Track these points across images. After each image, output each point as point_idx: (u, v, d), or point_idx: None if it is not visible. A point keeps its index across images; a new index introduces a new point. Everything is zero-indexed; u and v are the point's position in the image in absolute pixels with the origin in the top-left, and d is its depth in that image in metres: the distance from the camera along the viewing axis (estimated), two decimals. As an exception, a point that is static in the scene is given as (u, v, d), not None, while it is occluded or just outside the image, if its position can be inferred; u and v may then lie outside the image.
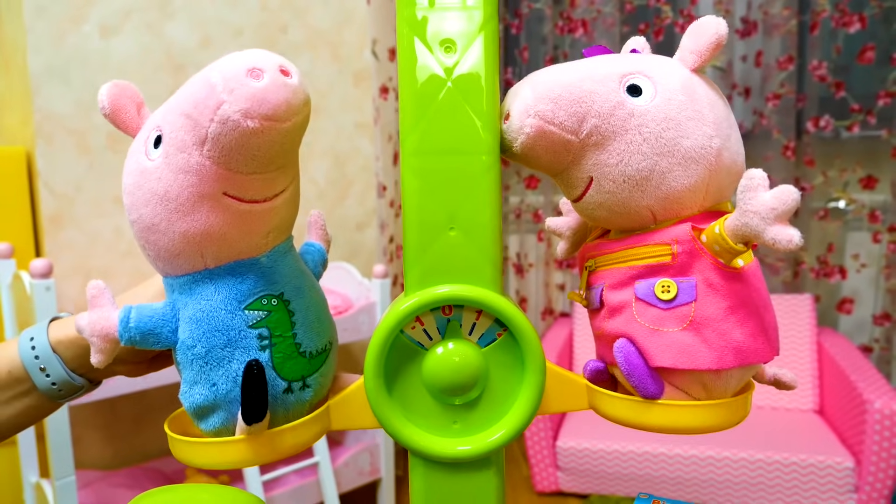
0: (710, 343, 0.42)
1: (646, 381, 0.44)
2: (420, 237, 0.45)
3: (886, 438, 1.61)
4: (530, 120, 0.42)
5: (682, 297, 0.43)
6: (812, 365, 2.01)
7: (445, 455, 0.46)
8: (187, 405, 0.45)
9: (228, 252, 0.43)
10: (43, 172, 1.56)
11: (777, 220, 0.37)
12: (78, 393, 0.52)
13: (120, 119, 0.45)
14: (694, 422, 0.44)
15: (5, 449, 1.54)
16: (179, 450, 0.46)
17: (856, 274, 2.21)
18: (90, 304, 0.43)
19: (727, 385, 0.44)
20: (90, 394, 1.24)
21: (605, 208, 0.45)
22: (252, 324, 0.43)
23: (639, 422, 0.45)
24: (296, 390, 0.45)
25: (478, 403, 0.47)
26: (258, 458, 0.44)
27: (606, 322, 0.47)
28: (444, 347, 0.46)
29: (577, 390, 0.49)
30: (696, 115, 0.42)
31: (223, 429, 0.44)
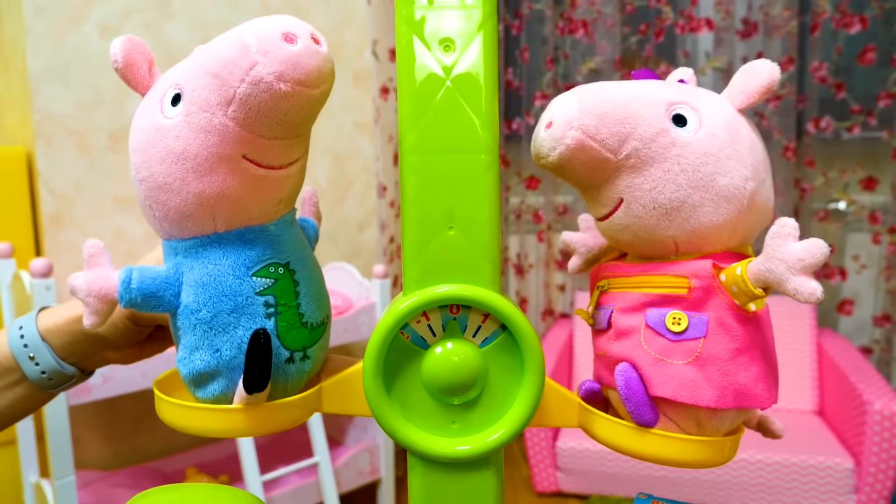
0: (713, 381, 0.42)
1: (643, 408, 0.44)
2: (419, 236, 0.45)
3: (886, 440, 1.61)
4: (572, 132, 0.42)
5: (692, 331, 0.43)
6: (812, 366, 2.01)
7: (444, 455, 0.46)
8: (186, 371, 0.44)
9: (240, 217, 0.42)
10: (43, 172, 1.56)
11: (802, 272, 0.36)
12: (69, 383, 0.52)
13: (132, 74, 0.44)
14: (683, 455, 0.44)
15: (5, 449, 1.54)
16: (169, 413, 0.45)
17: (856, 275, 2.21)
18: (88, 262, 0.42)
19: (721, 424, 0.44)
20: (89, 393, 1.24)
21: (630, 232, 0.45)
22: (259, 291, 0.43)
23: (628, 448, 0.45)
24: (297, 360, 0.45)
25: (477, 403, 0.46)
26: (251, 429, 0.44)
27: (611, 344, 0.46)
28: (443, 347, 0.46)
29: (570, 406, 0.49)
30: (736, 155, 0.42)
31: (221, 397, 0.44)
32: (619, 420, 0.46)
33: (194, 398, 0.46)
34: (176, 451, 1.82)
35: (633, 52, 2.31)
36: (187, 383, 0.45)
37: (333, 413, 0.48)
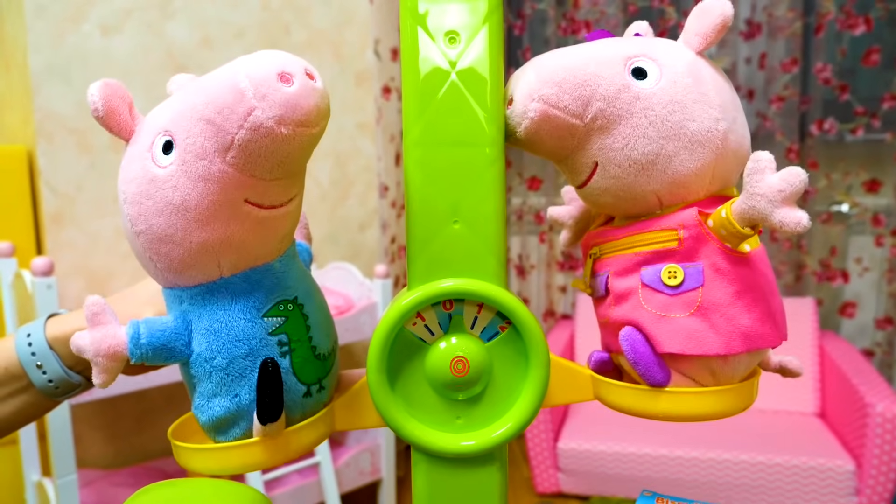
0: (718, 328, 0.42)
1: (652, 368, 0.43)
2: (423, 230, 0.44)
3: (888, 442, 1.60)
4: (534, 104, 0.42)
5: (689, 282, 0.42)
6: (814, 368, 2.00)
7: (449, 450, 0.46)
8: (206, 419, 0.43)
9: (245, 259, 0.42)
10: (44, 171, 1.55)
11: (784, 203, 0.36)
12: (75, 391, 0.51)
13: (114, 122, 0.41)
14: (702, 408, 0.44)
15: (7, 448, 1.54)
16: (189, 458, 0.45)
17: (858, 278, 2.20)
18: (91, 321, 0.40)
19: (735, 371, 0.44)
20: (91, 393, 1.24)
21: (611, 194, 0.44)
22: (272, 331, 0.42)
23: (646, 410, 0.45)
24: (314, 393, 0.45)
25: (481, 398, 0.46)
26: (272, 460, 0.44)
27: (612, 309, 0.46)
28: (447, 342, 0.45)
29: (582, 381, 0.48)
30: (702, 98, 0.42)
31: (241, 438, 0.44)
32: (631, 385, 0.45)
33: (213, 442, 0.45)
34: (176, 451, 1.82)
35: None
36: (207, 429, 0.45)
37: (347, 429, 0.48)
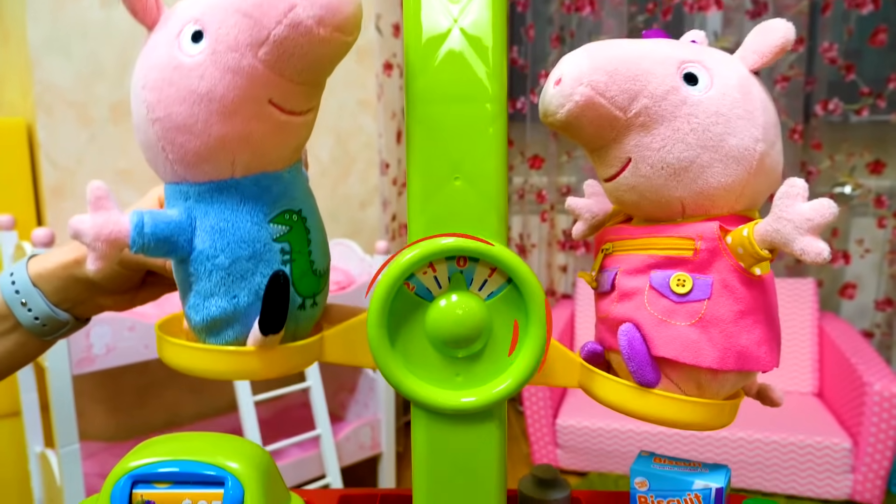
0: (715, 343, 0.42)
1: (645, 367, 0.44)
2: (425, 186, 0.44)
3: (885, 420, 1.61)
4: (582, 88, 0.41)
5: (697, 293, 0.42)
6: (812, 349, 2.01)
7: (448, 406, 0.46)
8: (200, 318, 0.43)
9: (258, 162, 0.42)
10: (44, 144, 1.55)
11: (810, 232, 0.36)
12: (64, 329, 0.51)
13: (140, 5, 0.41)
14: (682, 416, 0.44)
15: (10, 420, 1.55)
16: (177, 356, 0.45)
17: (859, 259, 2.20)
18: (94, 205, 0.40)
19: (721, 387, 0.44)
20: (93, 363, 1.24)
21: (637, 192, 0.44)
22: (276, 237, 0.43)
23: (629, 408, 0.45)
24: (308, 307, 0.45)
25: (481, 356, 0.46)
26: (261, 371, 0.44)
27: (615, 306, 0.46)
28: (448, 300, 0.45)
29: (571, 367, 0.49)
30: (747, 116, 0.42)
31: (234, 343, 0.44)
32: (620, 380, 0.46)
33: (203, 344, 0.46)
34: (178, 424, 1.83)
35: (640, 30, 2.29)
36: (198, 330, 0.45)
37: (336, 362, 0.48)
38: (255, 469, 0.43)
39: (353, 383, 1.87)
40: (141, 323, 1.30)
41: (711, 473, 0.48)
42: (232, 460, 0.43)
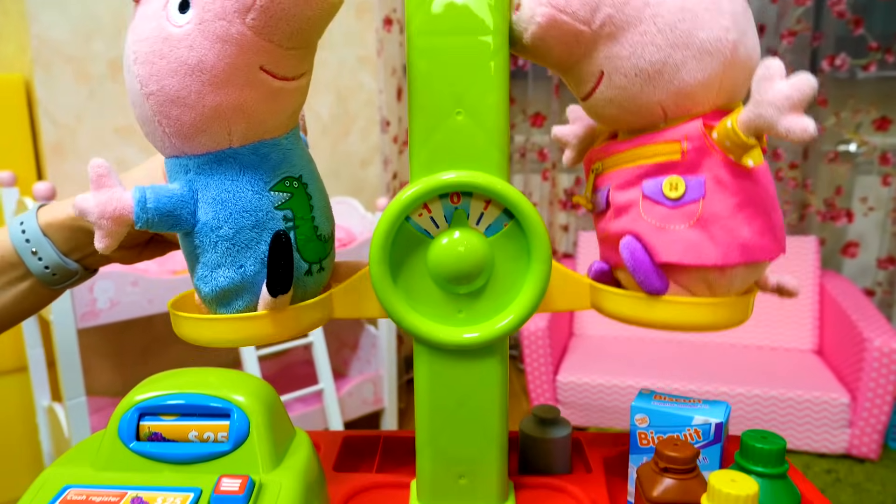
0: (717, 240, 0.42)
1: (651, 276, 0.44)
2: (426, 121, 0.44)
3: (883, 375, 1.63)
4: (542, 9, 0.41)
5: (691, 194, 0.42)
6: (813, 307, 2.02)
7: (451, 342, 0.46)
8: (209, 289, 0.44)
9: (256, 130, 0.41)
10: (43, 100, 1.54)
11: (792, 110, 0.36)
12: (73, 279, 0.52)
13: None
14: (696, 319, 0.44)
15: (17, 375, 1.57)
16: (191, 329, 0.46)
17: (863, 217, 2.19)
18: (96, 183, 0.41)
19: (731, 284, 0.44)
20: (97, 317, 1.25)
21: (616, 105, 0.44)
22: (278, 205, 0.43)
23: (642, 318, 0.46)
24: (314, 273, 0.45)
25: (483, 293, 0.47)
26: (274, 335, 0.44)
27: (612, 223, 0.46)
28: (450, 237, 0.45)
29: (581, 289, 0.49)
30: (714, 6, 0.40)
31: (244, 311, 0.44)
32: (630, 292, 0.46)
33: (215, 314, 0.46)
34: (183, 381, 1.85)
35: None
36: (209, 301, 0.45)
37: (346, 317, 0.49)
38: (260, 402, 0.44)
39: (354, 340, 1.89)
40: (144, 278, 1.30)
41: (712, 409, 0.49)
42: (237, 393, 0.44)
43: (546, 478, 0.56)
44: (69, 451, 0.47)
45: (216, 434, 0.43)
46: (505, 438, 0.49)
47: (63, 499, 0.41)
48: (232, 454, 0.43)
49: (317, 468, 0.46)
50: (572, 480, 0.55)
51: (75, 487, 0.42)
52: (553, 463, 0.57)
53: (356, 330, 1.87)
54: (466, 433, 0.48)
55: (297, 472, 0.43)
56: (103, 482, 0.42)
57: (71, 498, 0.41)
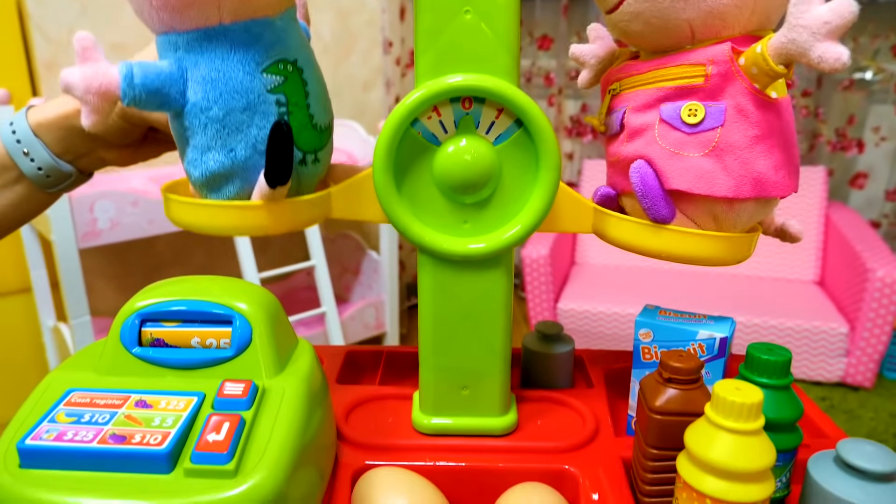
0: (731, 171, 0.41)
1: (658, 202, 0.43)
2: (433, 19, 0.42)
3: (884, 305, 1.64)
4: None
5: (709, 121, 0.41)
6: (818, 238, 2.01)
7: (457, 253, 0.45)
8: (198, 173, 0.43)
9: (247, 6, 0.40)
10: (34, 16, 1.48)
11: (828, 36, 0.34)
12: (68, 181, 0.51)
13: None
14: (699, 251, 0.44)
15: (22, 296, 1.58)
16: (185, 214, 0.45)
17: (874, 148, 2.15)
18: (81, 56, 0.38)
19: (738, 218, 0.43)
20: (98, 237, 1.24)
21: (642, 20, 0.41)
22: (270, 88, 0.41)
23: (645, 246, 0.45)
24: (309, 163, 0.44)
25: (489, 203, 0.45)
26: (269, 226, 0.44)
27: (624, 146, 0.45)
28: (456, 144, 0.44)
29: (584, 212, 0.48)
30: None
31: (236, 198, 0.44)
32: (635, 219, 0.45)
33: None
34: (187, 304, 1.87)
35: None
36: (199, 186, 0.44)
37: (343, 217, 0.48)
38: (262, 310, 0.44)
39: (356, 265, 1.89)
40: (144, 199, 1.29)
41: (716, 324, 0.48)
42: (239, 300, 0.43)
43: (548, 391, 0.56)
44: (71, 357, 0.47)
45: (219, 340, 0.43)
46: (508, 350, 0.49)
47: (67, 401, 0.41)
48: (235, 360, 0.43)
49: (320, 376, 0.46)
50: (573, 394, 0.55)
51: (79, 391, 0.42)
52: (555, 378, 0.58)
53: (358, 255, 1.88)
54: (470, 344, 0.48)
55: (300, 378, 0.43)
56: (107, 386, 0.42)
57: (75, 400, 0.41)
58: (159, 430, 0.38)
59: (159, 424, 0.38)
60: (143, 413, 0.40)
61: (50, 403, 0.41)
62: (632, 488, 0.45)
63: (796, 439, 0.42)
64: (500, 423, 0.50)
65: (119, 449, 0.37)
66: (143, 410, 0.40)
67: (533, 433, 0.50)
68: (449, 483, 0.46)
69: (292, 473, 0.38)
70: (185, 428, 0.38)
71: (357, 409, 0.54)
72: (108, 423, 0.39)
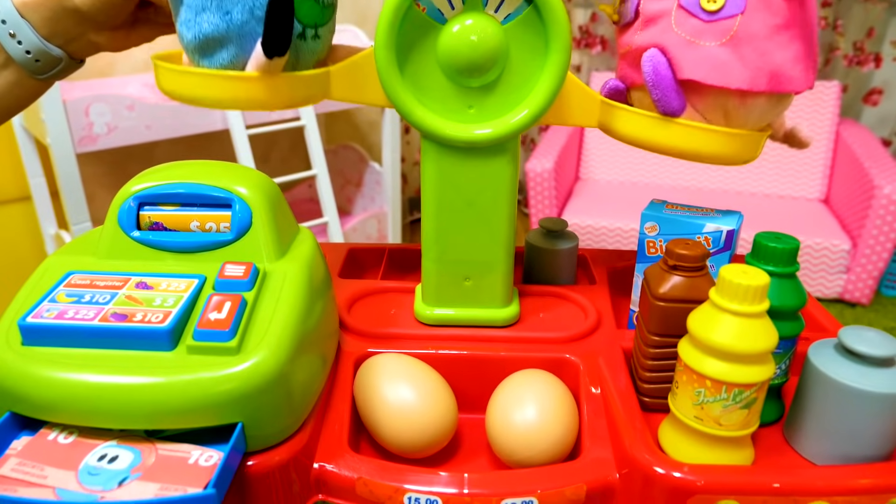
0: (747, 61, 0.39)
1: (670, 94, 0.41)
2: None
3: (888, 223, 1.63)
4: None
5: (729, 8, 0.39)
6: (826, 155, 1.98)
7: (461, 139, 0.44)
8: (192, 35, 0.41)
9: None
10: None
11: None
12: (59, 67, 0.49)
13: None
14: (707, 147, 0.42)
15: (22, 204, 1.57)
16: (175, 83, 0.43)
17: (891, 62, 2.08)
18: None
19: (749, 115, 0.42)
20: (96, 142, 1.22)
21: None
22: None
23: (653, 140, 0.43)
24: (308, 38, 0.43)
25: (495, 86, 0.44)
26: (264, 100, 0.43)
27: (638, 34, 0.43)
28: (462, 23, 0.42)
29: (591, 104, 0.46)
30: None
31: (229, 66, 0.42)
32: (643, 111, 0.43)
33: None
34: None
35: None
36: (191, 50, 0.42)
37: (342, 100, 0.46)
38: (262, 194, 0.43)
39: (359, 178, 1.87)
40: (140, 102, 1.26)
41: (724, 217, 0.47)
42: (239, 184, 0.42)
43: (550, 287, 0.56)
44: (68, 243, 0.46)
45: (218, 224, 0.43)
46: (512, 241, 0.49)
47: (67, 282, 0.41)
48: (235, 244, 0.42)
49: (322, 264, 0.45)
50: (576, 290, 0.55)
51: (79, 273, 0.41)
52: (558, 274, 0.57)
53: (360, 167, 1.85)
54: (473, 235, 0.48)
55: (301, 263, 0.42)
56: (107, 269, 0.42)
57: (75, 282, 0.41)
58: (160, 309, 0.38)
59: (161, 304, 0.38)
60: (143, 294, 0.39)
61: (49, 285, 0.41)
62: (632, 376, 0.45)
63: (798, 327, 0.42)
64: (503, 314, 0.50)
65: (121, 326, 0.37)
66: (143, 291, 0.40)
67: (534, 325, 0.51)
68: (450, 371, 0.47)
69: (295, 354, 0.38)
70: (186, 307, 0.38)
71: (359, 302, 0.54)
72: (109, 302, 0.39)
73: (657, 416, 0.43)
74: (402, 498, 0.39)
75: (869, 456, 0.38)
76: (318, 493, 0.40)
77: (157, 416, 0.35)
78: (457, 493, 0.38)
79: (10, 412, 0.37)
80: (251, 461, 0.37)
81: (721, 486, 0.36)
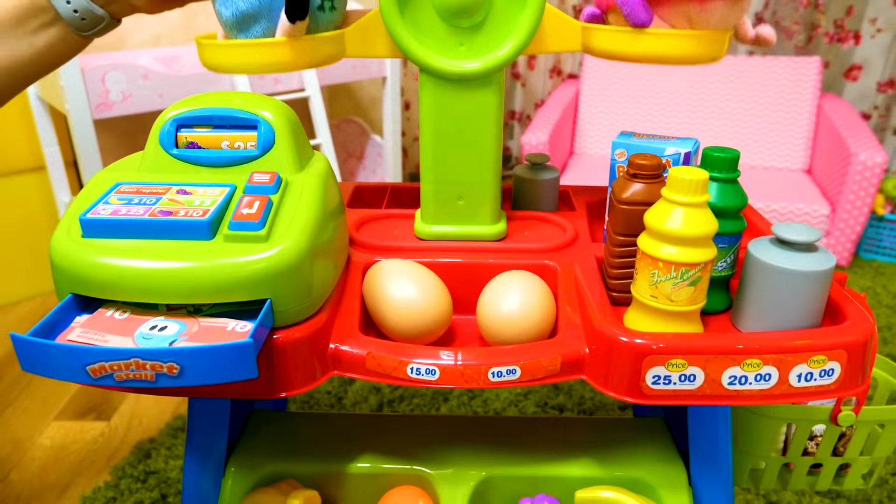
0: None
1: (637, 8, 0.47)
2: None
3: (864, 188, 1.70)
4: None
5: None
6: (809, 128, 2.05)
7: (453, 72, 0.51)
8: (229, 13, 0.48)
9: None
10: None
11: None
12: (101, 26, 0.55)
13: None
14: (677, 50, 0.49)
15: (36, 174, 1.63)
16: (215, 55, 0.50)
17: (870, 39, 2.15)
18: None
19: (710, 19, 0.48)
20: (112, 109, 1.28)
21: None
22: None
23: (629, 51, 0.50)
24: (326, 9, 0.50)
25: (482, 27, 0.51)
26: (292, 62, 0.49)
27: None
28: (453, -30, 0.48)
29: (573, 30, 0.52)
30: None
31: (262, 38, 0.49)
32: (616, 27, 0.50)
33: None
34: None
35: None
36: (229, 27, 0.49)
37: (357, 56, 0.53)
38: (284, 117, 0.50)
39: (360, 150, 1.94)
40: (154, 72, 1.32)
41: (682, 142, 0.54)
42: (263, 109, 0.49)
43: (534, 212, 0.63)
44: (113, 164, 0.53)
45: (245, 143, 0.50)
46: (499, 164, 0.56)
47: (117, 190, 0.47)
48: (260, 159, 0.49)
49: (334, 181, 0.52)
50: (558, 214, 0.62)
51: (126, 184, 0.48)
52: (542, 202, 0.65)
53: (362, 140, 1.92)
54: (465, 157, 0.55)
55: (318, 175, 0.49)
56: (150, 181, 0.49)
57: (124, 190, 0.47)
58: (200, 207, 0.45)
59: (199, 204, 0.45)
60: (184, 197, 0.46)
61: (101, 193, 0.48)
62: (602, 278, 0.52)
63: (740, 225, 0.49)
64: (492, 230, 0.57)
65: (167, 219, 0.44)
66: (184, 196, 0.47)
67: (519, 239, 0.58)
68: (447, 275, 0.54)
69: (313, 245, 0.45)
70: (222, 206, 0.45)
71: (366, 225, 0.61)
72: (155, 203, 0.45)
73: (624, 310, 0.50)
74: (405, 368, 0.46)
75: (799, 328, 0.45)
76: (334, 370, 0.48)
77: (201, 292, 0.42)
78: (452, 364, 0.45)
79: (73, 294, 0.44)
80: (277, 335, 0.44)
81: (672, 348, 0.43)
